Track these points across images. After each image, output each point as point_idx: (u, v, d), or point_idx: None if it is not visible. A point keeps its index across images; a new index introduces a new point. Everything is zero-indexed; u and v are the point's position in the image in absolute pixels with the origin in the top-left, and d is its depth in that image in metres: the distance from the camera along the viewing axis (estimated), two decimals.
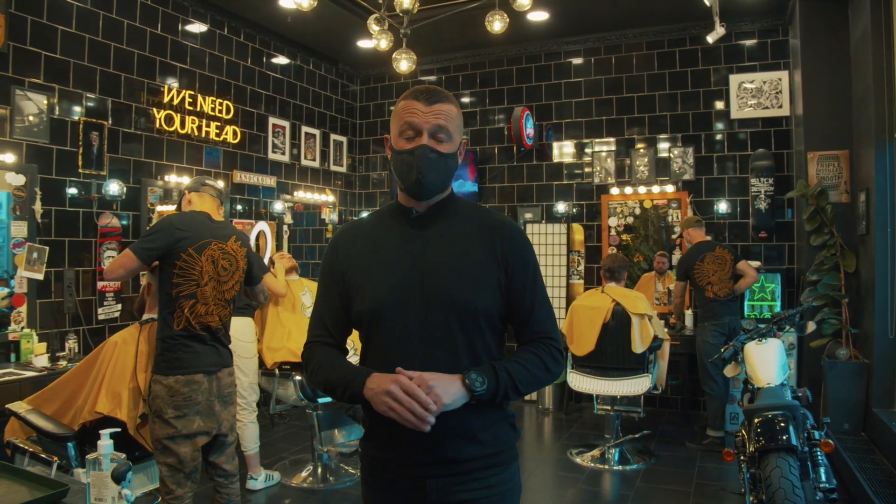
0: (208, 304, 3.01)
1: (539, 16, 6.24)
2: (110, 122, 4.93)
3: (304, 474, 4.65)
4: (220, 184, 3.48)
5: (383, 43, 4.71)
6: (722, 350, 4.04)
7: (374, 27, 4.73)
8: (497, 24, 4.42)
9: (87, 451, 3.06)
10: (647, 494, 4.39)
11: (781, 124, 6.11)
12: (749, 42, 6.23)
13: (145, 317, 3.20)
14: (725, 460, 3.48)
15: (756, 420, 3.33)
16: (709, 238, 5.69)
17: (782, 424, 3.23)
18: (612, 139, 6.84)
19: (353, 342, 3.35)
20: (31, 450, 3.04)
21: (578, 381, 5.11)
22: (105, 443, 1.42)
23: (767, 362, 3.76)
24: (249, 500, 4.26)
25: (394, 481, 1.61)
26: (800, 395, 3.73)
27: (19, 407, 3.17)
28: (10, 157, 4.23)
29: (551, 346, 1.64)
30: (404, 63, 4.55)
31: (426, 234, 1.64)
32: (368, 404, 1.50)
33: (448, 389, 1.45)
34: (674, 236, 6.45)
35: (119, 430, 1.83)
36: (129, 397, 2.99)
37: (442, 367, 1.52)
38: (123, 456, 1.42)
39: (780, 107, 6.05)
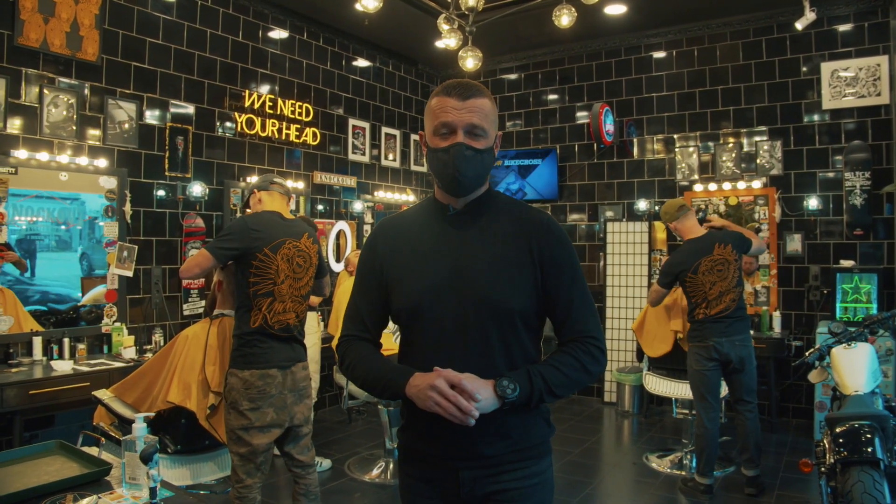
0: (285, 302, 3.10)
1: (617, 9, 6.09)
2: (194, 126, 5.19)
3: (375, 471, 4.73)
4: (288, 182, 3.59)
5: (452, 42, 4.73)
6: (807, 354, 3.80)
7: (443, 26, 4.76)
8: (565, 18, 4.35)
9: (161, 437, 3.24)
10: (725, 503, 4.20)
11: (879, 113, 5.67)
12: (843, 27, 5.83)
13: (216, 312, 3.34)
14: (803, 471, 3.28)
15: (838, 429, 3.11)
16: (703, 230, 4.46)
17: (868, 436, 3.00)
18: (695, 134, 6.58)
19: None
20: (110, 433, 3.25)
21: (654, 384, 4.97)
22: (139, 426, 1.52)
23: (856, 368, 3.50)
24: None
25: (428, 471, 1.65)
26: (893, 405, 3.47)
27: (103, 394, 3.39)
28: (102, 162, 4.53)
29: (591, 344, 1.61)
30: (470, 61, 4.56)
31: (463, 233, 1.65)
32: (409, 400, 1.52)
33: (480, 393, 1.46)
34: (761, 234, 6.13)
35: (153, 415, 1.93)
36: (199, 388, 3.14)
37: (477, 365, 1.53)
38: (155, 439, 1.50)
39: (879, 94, 5.61)
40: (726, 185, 6.33)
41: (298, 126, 6.10)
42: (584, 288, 1.66)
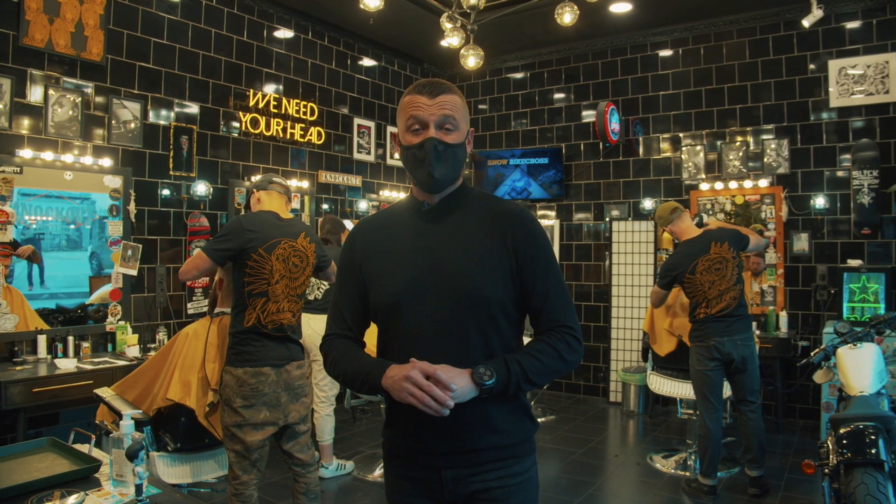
0: (279, 302, 3.11)
1: (622, 7, 6.06)
2: (199, 126, 5.21)
3: (378, 471, 4.72)
4: (288, 181, 3.61)
5: (455, 41, 4.72)
6: (812, 354, 3.77)
7: (446, 25, 4.75)
8: (567, 16, 4.34)
9: (162, 435, 3.26)
10: None
11: (888, 111, 5.61)
12: (851, 24, 5.77)
13: (217, 310, 3.36)
14: (806, 472, 3.25)
15: (842, 430, 3.08)
16: (699, 230, 4.43)
17: (872, 437, 2.96)
18: (701, 132, 6.54)
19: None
20: (110, 430, 3.26)
21: (658, 383, 4.94)
22: (126, 423, 1.52)
23: (861, 368, 3.47)
24: (321, 488, 4.38)
25: (412, 469, 1.65)
26: None
27: (105, 392, 3.42)
28: (107, 162, 4.56)
29: (567, 334, 1.63)
30: (472, 59, 4.55)
31: (438, 227, 1.67)
32: (388, 394, 1.52)
33: (455, 381, 1.46)
34: (767, 233, 6.09)
35: (141, 412, 1.94)
36: (198, 386, 3.15)
37: (455, 359, 1.54)
38: (142, 437, 1.51)
39: (887, 92, 5.54)
40: (733, 184, 6.29)
41: (303, 125, 6.11)
42: (559, 278, 1.68)
